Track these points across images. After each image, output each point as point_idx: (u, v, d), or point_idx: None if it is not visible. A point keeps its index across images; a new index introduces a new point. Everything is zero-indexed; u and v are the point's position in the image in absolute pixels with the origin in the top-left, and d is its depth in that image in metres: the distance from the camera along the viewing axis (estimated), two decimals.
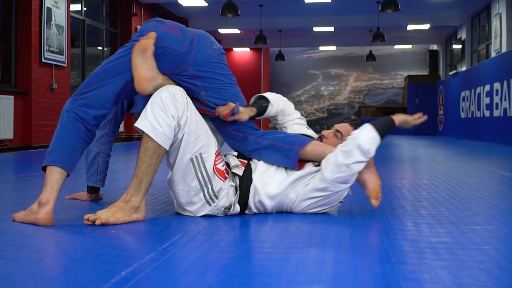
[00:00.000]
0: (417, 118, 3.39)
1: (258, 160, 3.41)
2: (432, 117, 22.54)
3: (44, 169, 3.05)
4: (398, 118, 3.37)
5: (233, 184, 3.29)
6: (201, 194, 3.17)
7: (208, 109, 3.30)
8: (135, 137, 15.28)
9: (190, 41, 3.22)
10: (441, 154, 9.63)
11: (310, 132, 3.73)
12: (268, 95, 3.65)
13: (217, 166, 3.20)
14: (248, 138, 3.44)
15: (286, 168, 3.37)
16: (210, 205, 3.20)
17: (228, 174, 3.29)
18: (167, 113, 3.01)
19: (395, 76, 28.31)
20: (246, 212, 3.33)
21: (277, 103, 3.65)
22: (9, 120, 9.85)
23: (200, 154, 3.12)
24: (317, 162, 3.37)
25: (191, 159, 3.11)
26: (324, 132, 3.61)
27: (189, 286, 1.92)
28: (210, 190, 3.17)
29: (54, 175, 3.01)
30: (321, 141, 3.54)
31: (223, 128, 3.44)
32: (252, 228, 3.01)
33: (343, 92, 28.93)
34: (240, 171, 3.31)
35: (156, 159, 3.06)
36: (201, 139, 3.12)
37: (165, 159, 3.20)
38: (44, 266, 2.21)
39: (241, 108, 3.31)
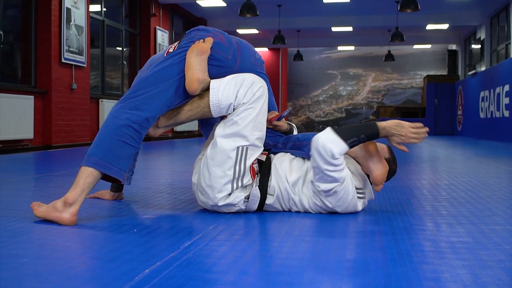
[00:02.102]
0: (418, 130, 3.24)
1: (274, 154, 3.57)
2: (451, 117, 22.44)
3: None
4: (387, 125, 3.22)
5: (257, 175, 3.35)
6: (229, 185, 3.21)
7: None
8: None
9: (235, 49, 3.38)
10: (460, 155, 9.60)
11: None
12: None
13: (253, 165, 3.27)
14: (277, 145, 3.63)
15: (304, 159, 3.48)
16: (229, 195, 3.24)
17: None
18: (236, 90, 3.19)
19: (414, 76, 28.19)
20: (267, 202, 3.35)
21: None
22: (29, 120, 9.90)
23: (247, 148, 3.20)
24: None
25: (237, 148, 3.19)
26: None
27: (211, 285, 1.94)
28: (239, 184, 3.22)
29: (88, 178, 3.01)
30: None
31: None
32: (273, 227, 3.02)
33: (361, 92, 28.85)
34: (263, 158, 3.38)
35: (196, 111, 3.31)
36: (255, 137, 3.22)
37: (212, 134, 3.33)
38: (69, 264, 2.23)
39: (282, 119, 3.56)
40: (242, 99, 3.17)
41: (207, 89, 3.25)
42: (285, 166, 3.36)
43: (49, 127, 10.63)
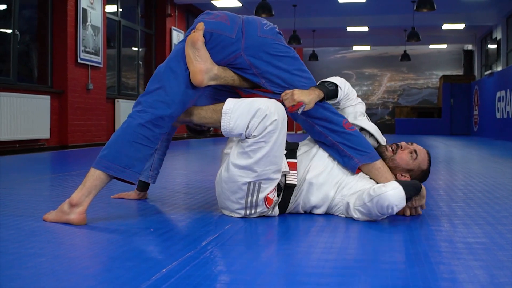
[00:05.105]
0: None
1: (312, 158, 3.36)
2: (467, 117, 22.37)
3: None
4: (423, 191, 3.26)
5: (277, 199, 3.24)
6: (242, 211, 3.16)
7: (274, 96, 3.20)
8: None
9: (240, 27, 3.17)
10: (476, 155, 9.56)
11: (369, 125, 3.53)
12: (333, 79, 3.46)
13: (269, 195, 3.14)
14: (314, 127, 3.34)
15: (342, 170, 3.33)
16: (244, 216, 3.19)
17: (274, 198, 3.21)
18: (247, 120, 2.99)
19: (430, 76, 28.08)
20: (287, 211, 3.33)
21: (343, 86, 3.48)
22: (46, 120, 9.94)
23: (260, 183, 3.07)
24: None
25: (249, 183, 3.06)
26: (403, 144, 3.45)
27: (228, 285, 1.94)
28: (252, 212, 3.16)
29: (96, 181, 2.97)
30: (396, 149, 3.42)
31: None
32: (290, 227, 3.02)
33: (377, 92, 28.77)
34: (294, 179, 3.25)
35: (208, 122, 3.21)
36: (269, 171, 3.06)
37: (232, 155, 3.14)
38: (85, 263, 2.25)
39: (305, 99, 3.13)
40: (253, 131, 2.99)
41: (220, 97, 3.19)
42: (323, 190, 3.26)
43: (65, 127, 10.66)
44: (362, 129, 3.48)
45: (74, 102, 10.87)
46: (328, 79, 3.44)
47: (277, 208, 3.25)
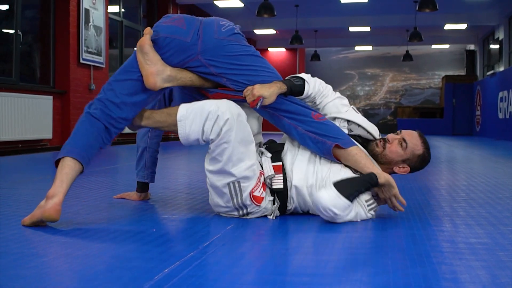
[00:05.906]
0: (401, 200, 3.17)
1: (294, 161, 3.28)
2: (469, 117, 22.35)
3: (56, 164, 3.05)
4: (385, 175, 3.12)
5: (271, 199, 3.21)
6: (236, 213, 3.18)
7: (238, 94, 3.18)
8: (170, 138, 15.31)
9: (196, 30, 3.15)
10: (478, 155, 9.56)
11: (355, 116, 3.45)
12: (302, 75, 3.39)
13: (254, 193, 3.12)
14: (282, 120, 3.27)
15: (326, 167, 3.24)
16: (243, 217, 3.19)
17: (265, 191, 3.18)
18: (201, 124, 3.00)
19: (432, 76, 28.03)
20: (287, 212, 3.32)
21: (313, 82, 3.39)
22: (48, 120, 9.95)
23: (239, 183, 3.07)
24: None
25: (228, 184, 3.07)
26: (390, 136, 3.34)
27: (230, 285, 1.94)
28: (244, 212, 3.17)
29: (64, 169, 2.99)
30: (384, 144, 3.31)
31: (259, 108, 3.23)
32: (291, 228, 3.02)
33: (379, 92, 28.73)
34: (279, 183, 3.21)
35: (164, 126, 3.19)
36: (242, 169, 3.05)
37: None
38: (88, 263, 2.24)
39: (265, 93, 3.06)
40: (209, 135, 2.99)
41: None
42: (309, 189, 3.19)
43: (68, 127, 10.66)
44: (349, 121, 3.42)
45: (76, 103, 10.87)
46: (296, 75, 3.39)
47: (277, 211, 3.24)
